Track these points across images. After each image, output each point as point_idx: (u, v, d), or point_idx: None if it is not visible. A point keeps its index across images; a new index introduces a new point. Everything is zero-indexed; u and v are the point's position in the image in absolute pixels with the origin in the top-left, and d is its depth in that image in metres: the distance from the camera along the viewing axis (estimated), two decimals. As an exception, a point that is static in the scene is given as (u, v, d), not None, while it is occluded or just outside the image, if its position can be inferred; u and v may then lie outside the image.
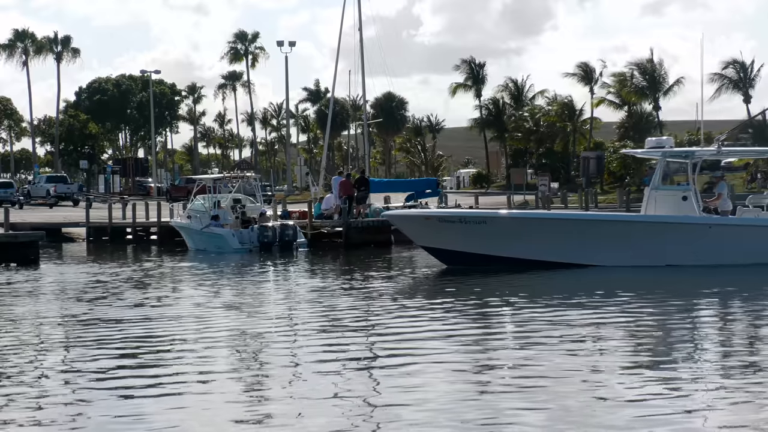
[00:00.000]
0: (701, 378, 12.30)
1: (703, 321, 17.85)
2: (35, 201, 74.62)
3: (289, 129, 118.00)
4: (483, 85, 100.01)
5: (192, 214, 42.05)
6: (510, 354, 14.30)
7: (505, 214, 31.76)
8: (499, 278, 25.18)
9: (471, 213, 30.55)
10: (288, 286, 26.24)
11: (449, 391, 11.76)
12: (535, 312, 18.67)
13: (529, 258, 27.00)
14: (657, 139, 30.36)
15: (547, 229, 27.55)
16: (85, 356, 14.67)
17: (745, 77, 78.23)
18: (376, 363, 13.90)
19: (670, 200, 27.03)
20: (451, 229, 28.15)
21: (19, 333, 17.29)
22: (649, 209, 27.57)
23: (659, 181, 27.67)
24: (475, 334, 16.32)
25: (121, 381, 12.56)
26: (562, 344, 14.78)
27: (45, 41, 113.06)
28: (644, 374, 12.53)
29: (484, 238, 27.51)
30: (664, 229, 26.70)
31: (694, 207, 26.73)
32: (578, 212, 30.49)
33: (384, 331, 16.93)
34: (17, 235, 34.14)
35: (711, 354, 14.19)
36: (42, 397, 11.77)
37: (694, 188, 27.18)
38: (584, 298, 20.79)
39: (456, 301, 20.91)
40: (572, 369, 12.78)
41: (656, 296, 20.82)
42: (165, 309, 20.47)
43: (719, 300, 20.70)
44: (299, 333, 17.05)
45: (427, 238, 29.11)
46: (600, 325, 16.82)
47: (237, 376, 12.90)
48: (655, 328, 16.74)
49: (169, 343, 15.96)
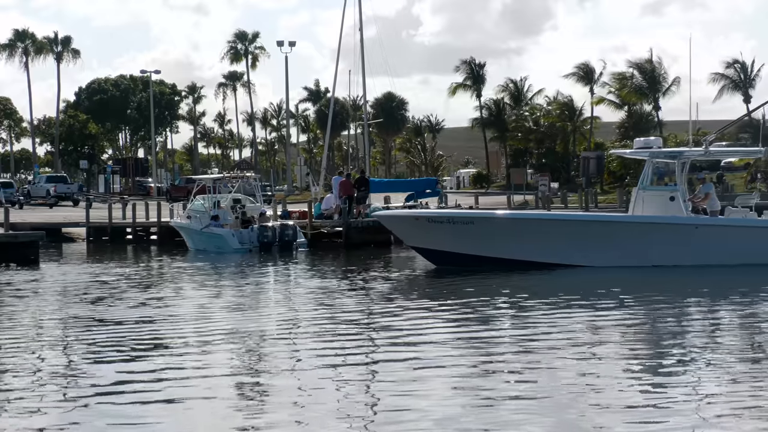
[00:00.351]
0: (693, 382, 12.30)
1: (684, 324, 17.57)
2: (35, 201, 74.60)
3: (289, 129, 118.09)
4: (483, 85, 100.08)
5: (192, 214, 42.06)
6: (509, 357, 14.29)
7: (492, 214, 31.86)
8: (488, 279, 25.17)
9: (459, 213, 30.63)
10: (287, 287, 26.26)
11: (447, 395, 11.76)
12: (526, 314, 18.67)
13: (518, 258, 27.07)
14: (645, 139, 30.36)
15: (535, 229, 27.60)
16: (85, 356, 14.68)
17: (746, 77, 78.24)
18: (375, 364, 13.90)
19: (657, 201, 27.00)
20: (440, 229, 28.27)
21: (18, 333, 17.29)
22: (636, 209, 27.54)
23: (647, 182, 27.63)
24: (464, 336, 16.26)
25: (121, 381, 12.56)
26: (556, 347, 14.78)
27: (45, 41, 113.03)
28: (638, 379, 12.55)
29: (472, 239, 27.65)
30: (650, 230, 26.72)
31: (681, 207, 26.70)
32: (566, 213, 30.58)
33: (383, 331, 16.95)
34: (17, 235, 34.14)
35: (702, 357, 14.14)
36: (42, 396, 11.77)
37: (682, 189, 27.14)
38: (565, 299, 20.70)
39: (443, 304, 20.82)
40: (564, 371, 12.80)
41: (640, 298, 20.67)
42: (165, 309, 20.47)
43: (704, 302, 20.49)
44: (297, 334, 17.04)
45: (417, 239, 29.25)
46: (583, 329, 16.78)
47: (236, 377, 12.89)
48: (642, 332, 16.68)
49: (169, 343, 15.97)
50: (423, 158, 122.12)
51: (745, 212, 27.74)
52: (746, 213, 27.67)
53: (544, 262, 26.77)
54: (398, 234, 31.48)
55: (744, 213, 27.64)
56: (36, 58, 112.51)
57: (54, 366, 13.89)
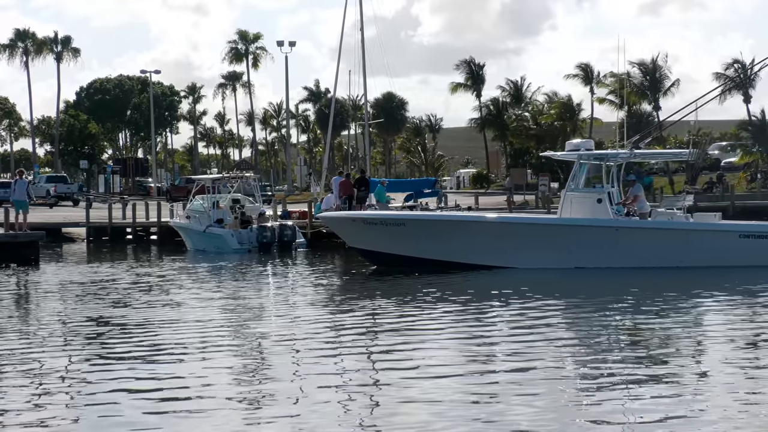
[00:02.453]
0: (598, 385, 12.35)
1: (585, 326, 17.43)
2: (35, 201, 74.46)
3: (289, 129, 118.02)
4: (483, 85, 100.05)
5: (191, 214, 42.07)
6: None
7: (423, 216, 32.30)
8: (415, 280, 25.42)
9: (391, 215, 31.11)
10: (285, 287, 26.26)
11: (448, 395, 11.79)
12: (450, 315, 18.83)
13: (448, 260, 27.41)
14: (577, 141, 30.49)
15: (462, 231, 27.90)
16: (85, 357, 14.67)
17: (746, 77, 78.10)
18: (372, 365, 13.92)
19: (585, 203, 27.06)
20: (375, 230, 28.91)
21: (18, 333, 17.29)
22: (565, 212, 27.54)
23: (575, 184, 27.62)
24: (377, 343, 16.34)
25: (120, 383, 12.56)
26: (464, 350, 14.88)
27: (46, 40, 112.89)
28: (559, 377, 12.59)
29: (404, 240, 28.18)
30: (572, 232, 26.81)
31: (608, 210, 26.67)
32: (494, 214, 30.81)
33: (381, 333, 16.96)
34: (17, 235, 34.07)
35: (621, 359, 14.24)
36: (41, 397, 11.77)
37: (609, 191, 27.04)
38: (476, 301, 20.89)
39: (357, 305, 20.84)
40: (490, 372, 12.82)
41: (543, 300, 20.59)
42: (164, 309, 20.47)
43: (606, 304, 20.23)
44: (296, 335, 17.05)
45: (356, 240, 30.02)
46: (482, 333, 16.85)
47: (234, 379, 12.91)
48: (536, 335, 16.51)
49: (169, 343, 15.96)
50: (423, 158, 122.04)
51: (671, 215, 27.43)
52: (672, 215, 27.36)
53: (474, 263, 27.13)
54: (340, 235, 32.26)
55: (670, 216, 27.36)
56: (36, 57, 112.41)
57: (53, 366, 13.88)
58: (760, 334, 16.04)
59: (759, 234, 26.06)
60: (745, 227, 26.90)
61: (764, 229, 26.43)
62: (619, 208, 27.24)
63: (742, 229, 26.65)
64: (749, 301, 20.31)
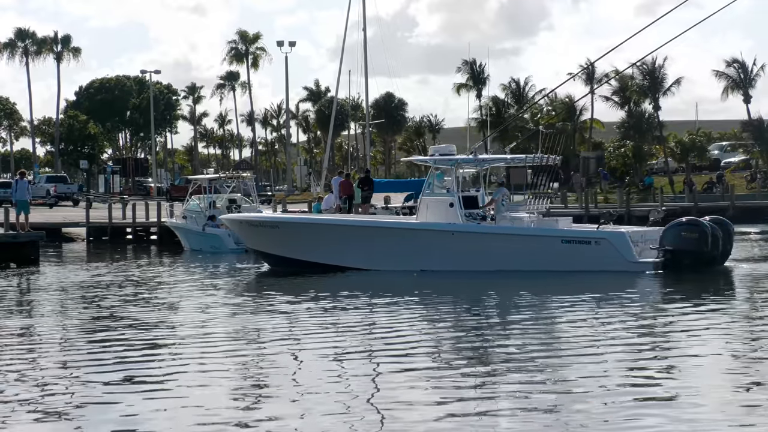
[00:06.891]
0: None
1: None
2: (35, 201, 74.50)
3: (290, 129, 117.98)
4: (483, 85, 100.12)
5: (187, 214, 42.07)
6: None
7: (295, 219, 32.62)
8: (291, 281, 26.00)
9: (268, 218, 31.56)
10: (283, 287, 26.27)
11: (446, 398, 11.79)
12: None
13: (323, 262, 27.97)
14: (442, 146, 30.69)
15: (327, 234, 28.59)
16: (84, 357, 14.68)
17: (746, 77, 78.17)
18: (372, 365, 13.93)
19: (439, 207, 27.56)
20: (257, 232, 29.85)
21: (18, 333, 17.29)
22: (421, 215, 28.19)
23: (429, 188, 28.26)
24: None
25: (121, 383, 12.57)
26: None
27: (46, 40, 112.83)
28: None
29: (281, 243, 29.01)
30: (416, 236, 27.47)
31: (457, 214, 27.12)
32: (351, 218, 31.08)
33: (381, 333, 16.98)
34: (17, 235, 34.08)
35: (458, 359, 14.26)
36: (41, 397, 11.77)
37: (459, 196, 27.39)
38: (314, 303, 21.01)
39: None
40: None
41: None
42: (164, 309, 20.50)
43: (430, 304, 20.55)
44: (293, 335, 17.07)
45: (249, 241, 30.91)
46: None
47: (233, 379, 12.92)
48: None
49: (168, 343, 15.98)
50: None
51: (512, 219, 27.40)
52: (514, 221, 27.37)
53: (340, 265, 27.76)
54: (240, 236, 32.94)
55: (511, 221, 27.40)
56: (36, 57, 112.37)
57: (53, 366, 13.89)
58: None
59: (580, 240, 26.20)
60: (567, 233, 26.90)
61: (585, 234, 26.53)
62: (481, 212, 27.75)
63: (565, 234, 26.69)
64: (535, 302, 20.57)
